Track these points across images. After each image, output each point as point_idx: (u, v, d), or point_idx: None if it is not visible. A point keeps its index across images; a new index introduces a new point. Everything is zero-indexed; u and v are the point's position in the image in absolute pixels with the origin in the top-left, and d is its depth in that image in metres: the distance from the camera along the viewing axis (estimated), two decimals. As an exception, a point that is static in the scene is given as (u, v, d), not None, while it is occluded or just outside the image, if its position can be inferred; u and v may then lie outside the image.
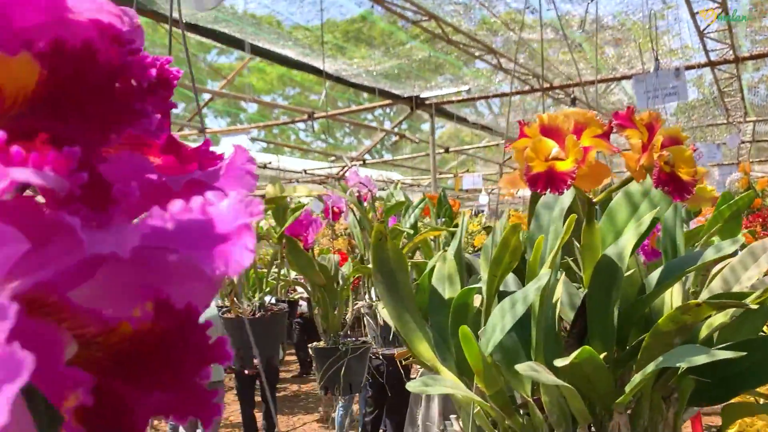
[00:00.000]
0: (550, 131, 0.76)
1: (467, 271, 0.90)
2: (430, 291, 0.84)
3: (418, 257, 2.25)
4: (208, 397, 0.22)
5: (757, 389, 0.88)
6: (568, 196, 0.78)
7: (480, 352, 0.79)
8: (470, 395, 0.80)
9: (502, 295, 0.79)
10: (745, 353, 0.61)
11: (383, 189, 3.23)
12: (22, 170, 0.17)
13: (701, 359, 0.62)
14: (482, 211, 6.78)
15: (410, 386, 0.80)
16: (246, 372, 3.37)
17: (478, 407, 0.83)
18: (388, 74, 5.31)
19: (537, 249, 0.72)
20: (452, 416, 0.90)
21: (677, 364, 0.67)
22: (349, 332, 2.38)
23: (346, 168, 8.20)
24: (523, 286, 0.81)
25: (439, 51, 5.03)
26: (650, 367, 0.69)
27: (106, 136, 0.21)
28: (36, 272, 0.17)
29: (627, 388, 0.75)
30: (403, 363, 3.25)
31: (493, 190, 11.86)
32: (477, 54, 4.67)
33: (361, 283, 2.50)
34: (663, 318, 0.72)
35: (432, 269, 0.86)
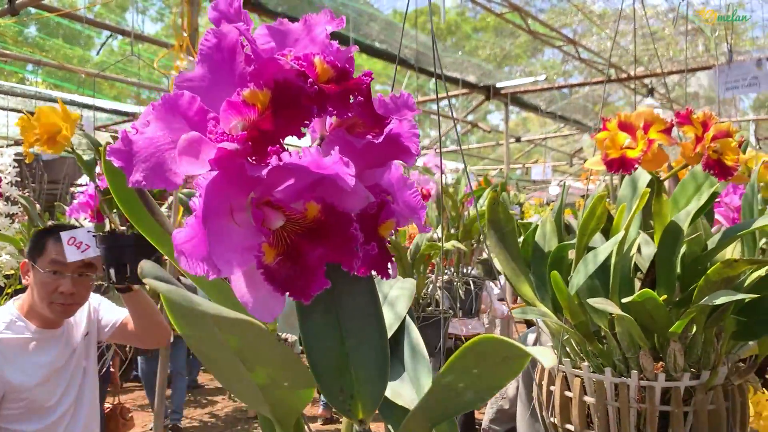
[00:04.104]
0: (625, 126, 1.02)
1: (566, 230, 1.16)
2: (533, 246, 1.11)
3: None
4: (351, 254, 0.39)
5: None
6: (645, 176, 1.04)
7: (567, 291, 1.05)
8: (559, 323, 1.07)
9: (590, 251, 1.06)
10: (757, 296, 0.85)
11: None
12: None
13: (724, 299, 0.87)
14: (554, 201, 6.94)
15: (515, 312, 1.07)
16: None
17: (567, 335, 1.10)
18: (459, 64, 5.52)
19: (620, 213, 0.98)
20: (548, 344, 1.17)
21: (712, 302, 0.91)
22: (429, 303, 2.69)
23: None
24: (608, 242, 1.06)
25: (510, 42, 5.20)
26: (697, 304, 0.94)
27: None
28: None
29: (679, 321, 0.99)
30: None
31: (561, 181, 11.84)
32: (557, 44, 4.82)
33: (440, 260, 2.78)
34: (711, 269, 0.95)
35: (535, 228, 1.13)
